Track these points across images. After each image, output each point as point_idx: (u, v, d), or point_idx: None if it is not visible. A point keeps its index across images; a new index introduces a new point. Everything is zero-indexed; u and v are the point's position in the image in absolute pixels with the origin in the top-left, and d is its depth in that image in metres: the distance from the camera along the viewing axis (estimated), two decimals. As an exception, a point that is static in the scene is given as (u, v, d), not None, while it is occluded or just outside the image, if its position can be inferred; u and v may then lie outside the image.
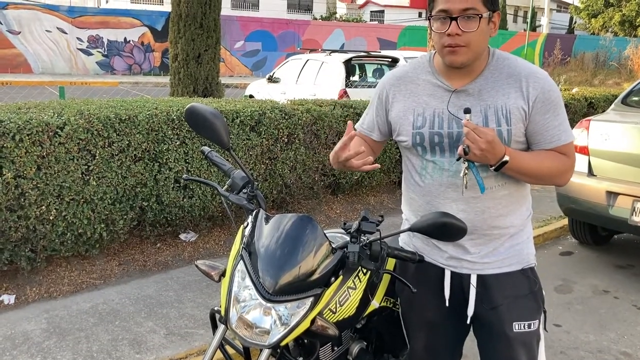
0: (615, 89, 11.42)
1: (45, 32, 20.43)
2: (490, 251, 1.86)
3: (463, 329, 2.00)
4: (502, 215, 1.83)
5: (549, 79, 1.77)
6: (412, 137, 1.85)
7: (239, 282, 1.71)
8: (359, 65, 10.48)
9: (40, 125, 3.60)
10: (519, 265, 1.89)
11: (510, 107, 1.73)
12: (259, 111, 4.78)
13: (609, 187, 4.27)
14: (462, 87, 1.78)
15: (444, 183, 1.83)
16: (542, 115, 1.74)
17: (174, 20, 6.66)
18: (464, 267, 1.89)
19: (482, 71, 1.78)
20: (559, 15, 50.38)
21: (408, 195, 1.99)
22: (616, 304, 4.04)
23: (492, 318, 1.88)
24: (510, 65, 1.78)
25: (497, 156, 1.67)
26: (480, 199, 1.80)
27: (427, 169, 1.86)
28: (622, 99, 4.95)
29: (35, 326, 3.34)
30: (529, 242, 1.93)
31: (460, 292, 1.91)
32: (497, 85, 1.76)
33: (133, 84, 18.61)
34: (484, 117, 1.75)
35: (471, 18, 1.66)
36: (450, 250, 1.89)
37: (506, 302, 1.86)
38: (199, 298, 3.76)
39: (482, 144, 1.62)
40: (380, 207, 5.91)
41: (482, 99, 1.76)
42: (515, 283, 1.88)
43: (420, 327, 2.04)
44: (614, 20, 33.89)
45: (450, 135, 1.78)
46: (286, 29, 25.05)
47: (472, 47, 1.70)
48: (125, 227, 4.15)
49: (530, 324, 1.87)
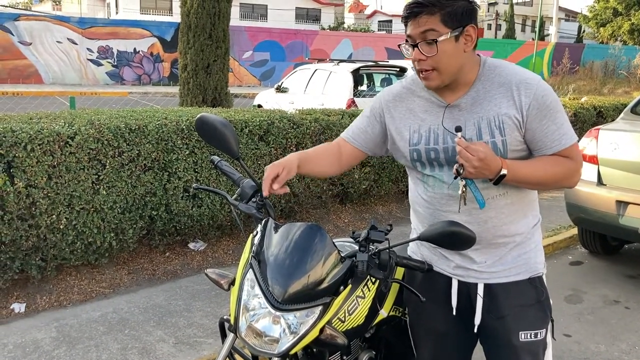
0: (624, 98, 11.38)
1: (56, 43, 20.66)
2: (497, 260, 1.86)
3: (470, 338, 1.99)
4: (505, 224, 1.82)
5: (542, 83, 1.73)
6: (409, 154, 1.86)
7: (248, 290, 1.71)
8: (367, 74, 10.51)
9: (52, 135, 3.64)
10: (527, 274, 1.87)
11: (503, 117, 1.71)
12: (267, 121, 4.80)
13: (618, 196, 4.25)
14: (455, 101, 1.78)
15: (445, 195, 1.83)
16: (540, 122, 1.71)
17: (183, 30, 6.72)
18: (471, 276, 1.88)
19: (474, 83, 1.77)
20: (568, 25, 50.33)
21: (414, 207, 2.00)
22: (627, 314, 4.01)
23: (499, 327, 1.87)
24: (501, 73, 1.76)
25: (493, 171, 1.65)
26: (483, 209, 1.79)
27: (428, 182, 1.87)
28: (632, 107, 4.93)
29: (45, 335, 3.36)
30: (537, 250, 1.91)
31: (468, 301, 1.91)
32: (488, 95, 1.74)
33: (142, 94, 18.75)
34: (478, 130, 1.74)
35: (430, 43, 1.67)
36: (457, 260, 1.89)
37: (513, 312, 1.85)
38: (207, 307, 3.76)
39: (475, 162, 1.61)
40: (389, 217, 5.90)
41: (475, 112, 1.75)
42: (522, 292, 1.87)
43: (428, 336, 2.04)
44: (623, 29, 33.80)
45: (446, 150, 1.78)
46: (294, 39, 25.19)
47: (441, 70, 1.70)
48: (134, 236, 4.17)
49: (537, 333, 1.86)
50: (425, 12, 1.66)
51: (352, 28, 37.38)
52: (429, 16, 1.66)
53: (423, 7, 1.66)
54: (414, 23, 1.68)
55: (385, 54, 26.00)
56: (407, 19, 1.71)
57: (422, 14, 1.66)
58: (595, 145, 4.45)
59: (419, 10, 1.67)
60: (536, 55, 27.88)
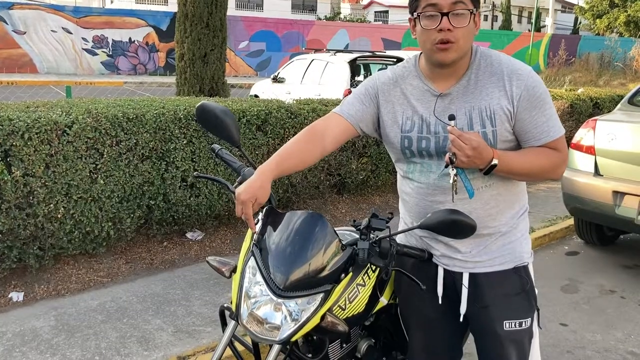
0: (620, 90, 11.40)
1: (51, 32, 20.50)
2: (482, 249, 1.86)
3: (458, 326, 2.00)
4: (490, 215, 1.82)
5: (533, 74, 1.74)
6: (400, 141, 1.85)
7: (250, 278, 1.72)
8: (364, 65, 10.49)
9: (49, 124, 3.63)
10: (512, 263, 1.88)
11: (494, 107, 1.71)
12: (265, 110, 4.79)
13: (615, 186, 4.26)
14: (447, 90, 1.77)
15: (431, 185, 1.83)
16: (529, 113, 1.72)
17: (180, 20, 6.68)
18: (456, 265, 1.89)
19: (466, 71, 1.76)
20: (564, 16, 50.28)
21: (402, 196, 2.00)
22: (623, 303, 4.04)
23: (483, 316, 1.88)
24: (492, 63, 1.76)
25: (484, 160, 1.65)
26: (468, 200, 1.79)
27: (415, 172, 1.87)
28: (629, 98, 4.95)
29: (44, 323, 3.36)
30: (523, 239, 1.91)
31: (453, 290, 1.92)
32: (480, 85, 1.74)
33: (138, 84, 18.65)
34: (469, 119, 1.73)
35: (461, 14, 1.65)
36: (442, 249, 1.89)
37: (497, 301, 1.86)
38: (206, 296, 3.77)
39: (468, 151, 1.61)
40: (386, 207, 5.91)
41: (467, 101, 1.75)
42: (506, 282, 1.87)
43: (418, 324, 2.05)
44: (619, 20, 33.78)
45: (437, 140, 1.78)
46: (290, 29, 25.08)
47: (460, 44, 1.68)
48: (132, 225, 4.17)
49: (521, 322, 1.87)
50: None
51: (348, 18, 37.23)
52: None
53: None
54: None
55: (382, 45, 25.94)
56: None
57: None
58: (593, 136, 4.46)
59: None
60: (532, 47, 27.85)
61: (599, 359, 3.31)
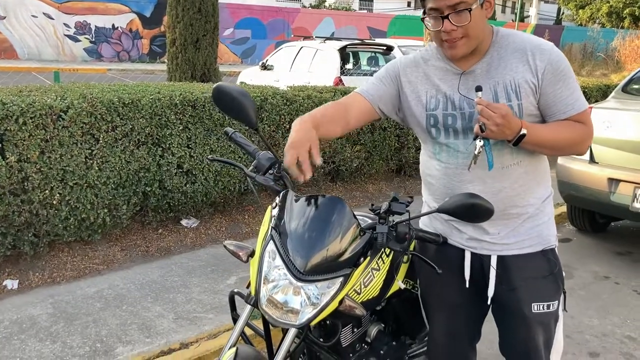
0: (604, 80, 11.50)
1: (31, 18, 20.07)
2: (510, 231, 1.86)
3: (482, 309, 2.01)
4: (519, 194, 1.83)
5: (555, 49, 1.75)
6: (426, 119, 1.85)
7: (269, 262, 1.70)
8: (353, 53, 10.43)
9: (44, 109, 3.55)
10: (540, 246, 1.89)
11: (519, 81, 1.73)
12: (261, 97, 4.75)
13: (610, 174, 4.30)
14: (470, 68, 1.78)
15: (459, 165, 1.83)
16: (553, 86, 1.73)
17: (172, 4, 6.57)
18: (484, 248, 1.89)
19: (488, 50, 1.77)
20: (547, 6, 50.56)
21: (426, 180, 1.99)
22: (617, 289, 4.09)
23: (511, 299, 1.89)
24: (515, 40, 1.77)
25: (514, 130, 1.66)
26: (497, 179, 1.80)
27: (442, 152, 1.87)
28: (623, 86, 4.99)
29: (41, 311, 3.31)
30: (550, 222, 1.93)
31: (480, 273, 1.92)
32: (503, 61, 1.76)
33: (121, 71, 18.40)
34: (494, 94, 1.74)
35: (461, 12, 1.65)
36: (470, 232, 1.89)
37: (525, 284, 1.87)
38: (205, 283, 3.74)
39: (497, 119, 1.62)
40: (379, 195, 5.91)
41: (491, 77, 1.76)
42: (535, 264, 1.88)
43: (441, 308, 2.05)
44: (601, 11, 34.05)
45: (463, 117, 1.79)
46: (276, 16, 24.87)
47: (470, 37, 1.70)
48: (128, 212, 4.12)
49: (549, 304, 1.88)
50: None
51: (333, 6, 37.06)
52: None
53: None
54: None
55: (367, 33, 25.85)
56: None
57: None
58: (588, 124, 4.49)
59: None
60: (517, 37, 27.92)
61: (597, 343, 3.36)
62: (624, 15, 32.91)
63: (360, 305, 1.80)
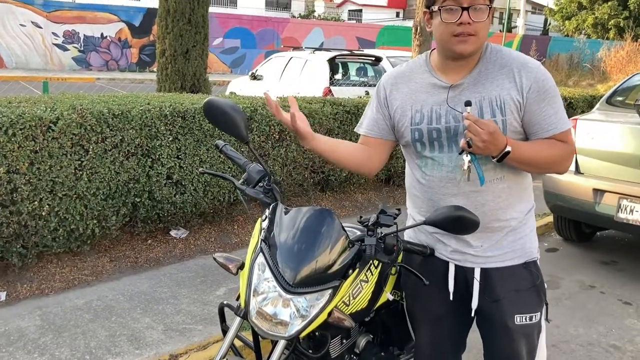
0: (590, 90, 11.65)
1: (20, 27, 19.98)
2: (493, 244, 1.89)
3: (467, 321, 2.04)
4: (502, 208, 1.86)
5: (542, 68, 1.80)
6: (411, 134, 1.88)
7: (258, 274, 1.72)
8: (343, 63, 10.50)
9: (34, 120, 3.55)
10: (522, 259, 1.92)
11: (505, 97, 1.76)
12: (250, 108, 4.78)
13: (595, 184, 4.37)
14: (458, 82, 1.81)
15: (443, 178, 1.86)
16: (538, 105, 1.76)
17: (162, 15, 6.59)
18: (468, 260, 1.92)
19: (476, 64, 1.81)
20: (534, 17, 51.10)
21: (411, 192, 2.02)
22: (603, 298, 4.14)
23: (494, 310, 1.92)
24: (503, 56, 1.81)
25: (499, 147, 1.69)
26: (480, 193, 1.83)
27: (426, 165, 1.90)
28: (607, 99, 5.07)
29: (29, 323, 3.30)
30: (532, 235, 1.96)
31: (464, 285, 1.95)
32: (490, 76, 1.79)
33: (110, 80, 18.36)
34: (479, 109, 1.78)
35: (481, 9, 1.69)
36: (453, 244, 1.92)
37: (508, 296, 1.90)
38: (194, 294, 3.74)
39: (484, 136, 1.64)
40: (368, 205, 5.95)
41: (477, 91, 1.79)
42: (517, 277, 1.91)
43: (425, 320, 2.08)
44: (587, 22, 34.49)
45: (448, 130, 1.81)
46: (265, 26, 24.93)
47: (479, 37, 1.74)
48: (117, 223, 4.11)
49: (532, 316, 1.92)
50: None
51: (322, 17, 37.27)
52: None
53: None
54: None
55: (357, 43, 25.97)
56: None
57: None
58: (573, 135, 4.56)
59: None
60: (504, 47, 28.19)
61: (583, 352, 3.40)
62: (609, 26, 33.36)
63: (349, 317, 1.82)
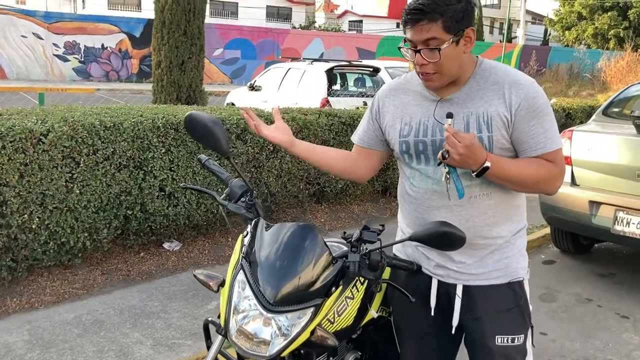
0: (590, 100, 11.64)
1: (21, 38, 20.09)
2: (477, 261, 1.85)
3: (453, 339, 1.99)
4: (487, 225, 1.82)
5: (535, 85, 1.76)
6: (399, 145, 1.88)
7: (239, 292, 1.69)
8: (341, 74, 10.51)
9: (24, 132, 3.53)
10: (506, 278, 1.87)
11: (492, 113, 1.73)
12: (244, 120, 4.75)
13: (591, 196, 4.33)
14: (447, 96, 1.80)
15: (428, 190, 1.84)
16: (527, 123, 1.73)
17: (157, 27, 6.60)
18: (451, 276, 1.88)
19: (468, 80, 1.79)
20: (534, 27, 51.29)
21: (401, 202, 2.01)
22: (600, 312, 4.09)
23: (475, 329, 1.88)
24: (496, 73, 1.78)
25: (477, 161, 1.66)
26: (465, 208, 1.80)
27: (414, 177, 1.89)
28: (603, 110, 5.04)
29: (17, 338, 3.26)
30: (520, 255, 1.91)
31: (447, 301, 1.91)
32: (480, 92, 1.77)
33: (110, 90, 18.41)
34: (466, 124, 1.76)
35: (433, 50, 1.67)
36: (436, 259, 1.89)
37: (489, 314, 1.85)
38: (185, 308, 3.70)
39: (460, 149, 1.62)
40: (364, 216, 5.91)
41: (466, 107, 1.77)
42: (500, 296, 1.86)
43: (411, 336, 2.04)
44: (587, 33, 34.64)
45: (434, 143, 1.80)
46: (265, 37, 25.05)
47: (443, 73, 1.72)
48: (109, 236, 4.08)
49: (514, 338, 1.85)
50: (427, 19, 1.65)
51: (323, 27, 37.40)
52: (430, 23, 1.65)
53: (424, 13, 1.64)
54: (415, 29, 1.68)
55: (357, 54, 26.07)
56: (407, 23, 1.69)
57: (423, 20, 1.65)
58: (569, 147, 4.53)
59: (420, 17, 1.65)
60: (504, 57, 28.28)
61: (578, 367, 3.35)
62: (609, 36, 33.48)
63: (333, 336, 1.78)
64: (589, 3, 34.57)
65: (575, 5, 35.24)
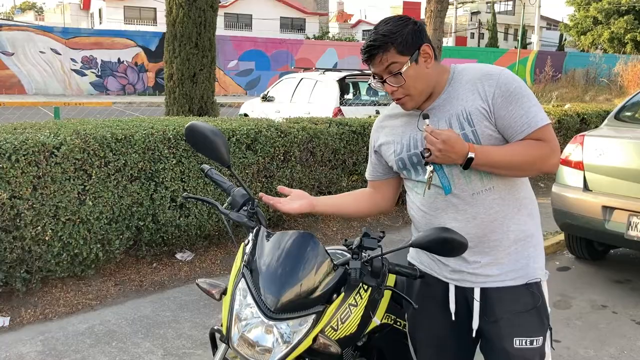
0: (606, 105, 11.52)
1: (39, 53, 20.46)
2: (492, 261, 1.85)
3: (470, 343, 1.99)
4: (496, 220, 1.83)
5: (505, 72, 1.79)
6: (396, 165, 1.94)
7: (240, 300, 1.70)
8: (353, 83, 10.53)
9: (37, 146, 3.60)
10: (524, 279, 1.86)
11: (470, 109, 1.77)
12: (255, 129, 4.79)
13: (604, 201, 4.28)
14: (428, 107, 1.85)
15: (431, 195, 1.87)
16: (506, 108, 1.75)
17: (169, 40, 6.69)
18: (467, 280, 1.88)
19: (444, 88, 1.84)
20: (549, 33, 50.99)
21: (410, 214, 2.04)
22: (615, 318, 4.03)
23: (493, 332, 1.87)
24: (468, 73, 1.83)
25: (459, 154, 1.70)
26: (470, 205, 1.81)
27: (417, 187, 1.93)
28: (615, 114, 4.99)
29: (30, 348, 3.30)
30: (536, 255, 1.90)
31: (465, 305, 1.91)
32: (456, 94, 1.82)
33: (127, 104, 18.63)
34: (449, 125, 1.80)
35: (395, 75, 1.76)
36: (452, 263, 1.90)
37: (507, 317, 1.85)
38: (196, 318, 3.72)
39: (438, 145, 1.68)
40: (377, 225, 5.90)
41: (446, 110, 1.82)
42: (517, 298, 1.86)
43: (428, 343, 2.03)
44: (603, 37, 34.36)
45: None
46: (279, 48, 25.22)
47: (412, 93, 1.80)
48: (121, 247, 4.12)
49: (532, 340, 1.85)
50: (381, 51, 1.75)
51: (336, 37, 37.54)
52: (385, 53, 1.75)
53: (376, 47, 1.75)
54: (374, 62, 1.79)
55: (370, 63, 26.08)
56: (367, 61, 1.81)
57: (379, 53, 1.75)
58: (581, 152, 4.49)
59: (375, 52, 1.76)
60: (519, 64, 28.16)
61: (593, 375, 3.30)
62: (626, 40, 33.15)
63: (336, 343, 1.79)
64: (604, 7, 34.32)
65: (590, 10, 35.01)
